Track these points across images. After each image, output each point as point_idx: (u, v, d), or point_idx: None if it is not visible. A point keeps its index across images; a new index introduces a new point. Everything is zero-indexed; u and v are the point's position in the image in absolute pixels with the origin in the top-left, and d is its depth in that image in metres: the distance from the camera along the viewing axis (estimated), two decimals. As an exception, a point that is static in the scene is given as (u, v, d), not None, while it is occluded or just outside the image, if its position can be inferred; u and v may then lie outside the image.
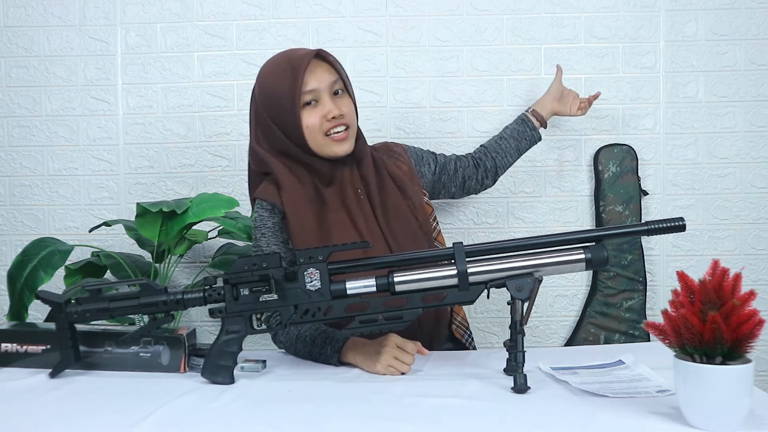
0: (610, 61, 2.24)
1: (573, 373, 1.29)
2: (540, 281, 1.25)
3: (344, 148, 1.52)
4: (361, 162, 1.58)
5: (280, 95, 1.49)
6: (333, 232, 1.51)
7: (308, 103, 1.50)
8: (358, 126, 1.58)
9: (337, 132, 1.51)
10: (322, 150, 1.52)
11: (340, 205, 1.54)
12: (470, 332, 1.70)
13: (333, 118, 1.49)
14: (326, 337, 1.43)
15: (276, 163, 1.53)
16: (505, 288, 1.24)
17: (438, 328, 1.60)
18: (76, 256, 2.07)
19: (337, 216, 1.53)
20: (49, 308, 1.33)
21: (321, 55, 1.52)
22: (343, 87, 1.54)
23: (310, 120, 1.49)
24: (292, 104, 1.48)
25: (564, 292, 2.29)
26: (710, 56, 2.23)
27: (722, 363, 0.97)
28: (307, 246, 1.38)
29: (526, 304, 1.23)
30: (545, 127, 1.97)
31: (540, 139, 1.95)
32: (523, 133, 1.91)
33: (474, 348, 1.69)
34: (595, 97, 2.03)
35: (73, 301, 1.32)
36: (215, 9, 2.24)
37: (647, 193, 2.24)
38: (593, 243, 1.26)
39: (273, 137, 1.54)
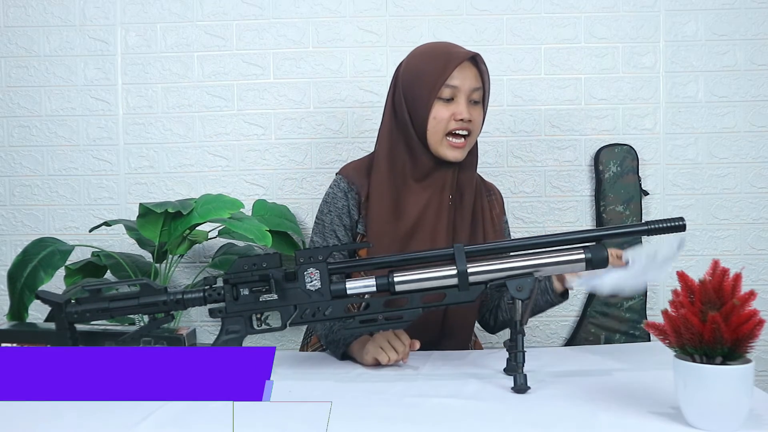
0: (610, 61, 2.24)
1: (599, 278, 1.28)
2: (540, 281, 1.25)
3: (456, 155, 1.54)
4: (464, 172, 1.59)
5: (424, 75, 1.52)
6: (409, 225, 1.53)
7: (444, 99, 1.52)
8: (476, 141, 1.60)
9: (458, 136, 1.53)
10: (436, 147, 1.54)
11: (425, 203, 1.55)
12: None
13: (461, 120, 1.51)
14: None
15: (383, 146, 1.57)
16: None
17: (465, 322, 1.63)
18: (76, 256, 2.06)
19: (414, 212, 1.54)
20: (49, 308, 1.33)
21: (476, 60, 1.54)
22: (481, 98, 1.56)
23: (440, 113, 1.51)
24: (431, 90, 1.51)
25: (564, 292, 2.29)
26: (710, 56, 2.23)
27: (722, 363, 0.97)
28: (382, 230, 1.50)
29: (526, 304, 1.23)
30: (565, 296, 1.53)
31: (558, 303, 1.53)
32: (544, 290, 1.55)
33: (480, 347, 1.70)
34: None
35: (73, 301, 1.32)
36: (215, 9, 2.24)
37: (647, 193, 2.24)
38: (593, 243, 1.26)
39: (400, 112, 1.56)
